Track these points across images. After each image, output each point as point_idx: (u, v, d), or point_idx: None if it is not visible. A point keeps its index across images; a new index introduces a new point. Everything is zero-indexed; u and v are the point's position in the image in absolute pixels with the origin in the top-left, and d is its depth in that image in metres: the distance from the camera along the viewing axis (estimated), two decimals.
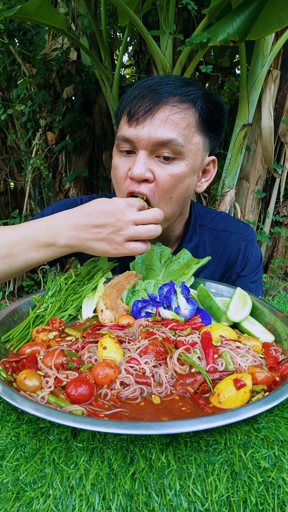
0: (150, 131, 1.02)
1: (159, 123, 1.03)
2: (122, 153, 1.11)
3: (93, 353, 0.76)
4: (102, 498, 0.50)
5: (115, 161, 1.12)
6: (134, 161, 1.05)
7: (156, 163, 1.06)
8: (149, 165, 1.05)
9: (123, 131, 1.07)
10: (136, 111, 1.04)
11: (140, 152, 1.05)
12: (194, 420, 0.54)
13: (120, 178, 1.10)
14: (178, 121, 1.04)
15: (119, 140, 1.08)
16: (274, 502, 0.51)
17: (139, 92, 1.05)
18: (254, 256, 1.42)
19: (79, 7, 3.15)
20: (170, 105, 1.04)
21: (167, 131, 1.03)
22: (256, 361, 0.75)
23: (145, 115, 1.03)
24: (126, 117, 1.07)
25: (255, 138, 2.84)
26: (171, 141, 1.03)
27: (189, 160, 1.08)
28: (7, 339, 0.88)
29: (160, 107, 1.03)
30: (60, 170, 3.55)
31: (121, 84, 3.28)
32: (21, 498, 0.51)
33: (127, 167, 1.08)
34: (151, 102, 1.03)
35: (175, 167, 1.07)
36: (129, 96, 1.09)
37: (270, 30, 2.00)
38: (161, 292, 1.00)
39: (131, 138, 1.05)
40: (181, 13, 2.95)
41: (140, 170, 1.03)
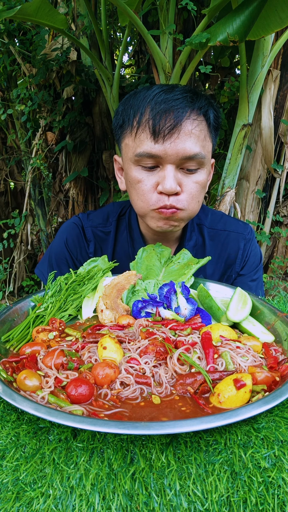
0: (177, 147, 1.06)
1: (184, 138, 1.06)
2: (143, 167, 1.13)
3: (93, 353, 0.76)
4: (102, 498, 0.50)
5: (137, 175, 1.14)
6: (163, 176, 1.09)
7: (182, 175, 1.12)
8: (177, 178, 1.10)
9: (147, 147, 1.08)
10: (161, 128, 1.05)
11: (169, 167, 1.09)
12: (194, 420, 0.54)
13: (146, 192, 1.13)
14: (198, 134, 1.09)
15: (143, 157, 1.09)
16: (274, 502, 0.51)
17: (160, 108, 1.06)
18: (253, 255, 1.43)
19: (79, 7, 3.15)
20: (191, 119, 1.07)
21: (192, 145, 1.07)
22: (256, 361, 0.75)
23: (171, 131, 1.05)
24: (149, 133, 1.07)
25: (255, 138, 2.84)
26: (197, 155, 1.09)
27: (207, 166, 1.17)
28: (7, 339, 0.88)
29: (183, 122, 1.06)
30: (60, 170, 3.55)
31: (121, 84, 3.28)
32: (21, 498, 0.51)
33: (153, 181, 1.12)
34: (176, 118, 1.05)
35: (198, 176, 1.14)
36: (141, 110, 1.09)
37: (270, 30, 2.00)
38: (161, 292, 1.00)
39: (159, 154, 1.07)
40: (181, 13, 2.95)
41: (171, 185, 1.08)
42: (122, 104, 1.18)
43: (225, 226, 1.41)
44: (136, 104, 1.12)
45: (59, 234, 1.43)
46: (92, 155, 3.51)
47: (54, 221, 3.82)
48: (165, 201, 1.12)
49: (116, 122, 1.20)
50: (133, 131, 1.12)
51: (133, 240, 1.38)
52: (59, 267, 1.39)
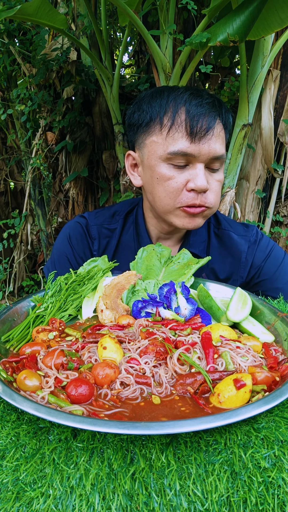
0: (210, 147, 1.15)
1: (215, 139, 1.16)
2: (173, 165, 1.17)
3: (93, 353, 0.76)
4: (102, 498, 0.50)
5: (167, 173, 1.18)
6: (195, 174, 1.16)
7: (208, 173, 1.20)
8: (206, 177, 1.17)
9: (182, 146, 1.14)
10: (199, 129, 1.13)
11: (199, 166, 1.16)
12: (194, 420, 0.54)
13: (176, 189, 1.18)
14: (223, 136, 1.20)
15: (177, 155, 1.15)
16: (274, 502, 0.51)
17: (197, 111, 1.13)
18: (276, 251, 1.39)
19: (79, 7, 3.15)
20: (219, 124, 1.18)
21: (220, 146, 1.18)
22: (256, 361, 0.75)
23: (207, 132, 1.14)
24: (185, 133, 1.14)
25: (255, 138, 2.83)
26: (222, 156, 1.19)
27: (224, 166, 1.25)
28: (7, 339, 0.88)
29: (216, 125, 1.16)
30: (60, 170, 3.54)
31: (121, 84, 3.28)
32: (21, 498, 0.51)
33: (183, 179, 1.17)
34: (210, 122, 1.14)
35: (219, 175, 1.23)
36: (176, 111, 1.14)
37: (270, 30, 2.00)
38: (161, 292, 1.00)
39: (193, 153, 1.14)
40: (181, 13, 2.95)
41: (203, 183, 1.15)
42: (147, 103, 1.21)
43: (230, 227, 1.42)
44: (165, 103, 1.17)
45: (62, 231, 1.46)
46: (92, 155, 3.51)
47: (54, 221, 3.82)
48: (194, 199, 1.18)
49: (141, 120, 1.22)
50: (163, 130, 1.16)
51: (139, 236, 1.40)
52: (60, 264, 1.40)
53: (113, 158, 3.40)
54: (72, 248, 1.41)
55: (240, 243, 1.38)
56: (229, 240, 1.39)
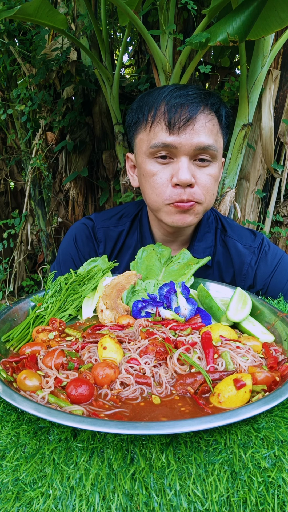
0: (192, 138, 1.10)
1: (199, 130, 1.11)
2: (157, 160, 1.15)
3: (93, 353, 0.76)
4: (102, 498, 0.50)
5: (152, 168, 1.16)
6: (177, 167, 1.12)
7: (196, 167, 1.15)
8: (191, 170, 1.12)
9: (161, 138, 1.11)
10: (177, 119, 1.09)
11: (183, 158, 1.12)
12: (194, 420, 0.54)
13: (160, 185, 1.15)
14: (211, 128, 1.14)
15: (157, 147, 1.12)
16: (274, 502, 0.51)
17: (176, 102, 1.10)
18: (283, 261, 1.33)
19: (79, 7, 3.15)
20: (205, 114, 1.12)
21: (206, 137, 1.11)
22: (256, 361, 0.75)
23: (186, 123, 1.09)
24: (164, 125, 1.11)
25: (255, 138, 2.83)
26: (210, 146, 1.12)
27: (219, 161, 1.20)
28: (7, 339, 0.88)
29: (198, 116, 1.11)
30: (60, 170, 3.54)
31: (121, 84, 3.28)
32: (21, 498, 0.51)
33: (167, 174, 1.14)
34: (190, 111, 1.10)
35: (211, 169, 1.17)
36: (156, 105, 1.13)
37: (270, 30, 2.00)
38: (161, 292, 1.00)
39: (174, 145, 1.10)
40: (181, 13, 2.95)
41: (186, 176, 1.10)
42: (137, 102, 1.22)
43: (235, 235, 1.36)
44: (150, 100, 1.16)
45: (68, 232, 1.45)
46: (92, 155, 3.51)
47: (54, 221, 3.82)
48: (181, 194, 1.13)
49: (131, 120, 1.23)
50: (147, 126, 1.16)
51: (142, 238, 1.38)
52: (65, 264, 1.40)
53: (113, 158, 3.40)
54: (78, 249, 1.40)
55: (244, 254, 1.32)
56: (233, 249, 1.34)
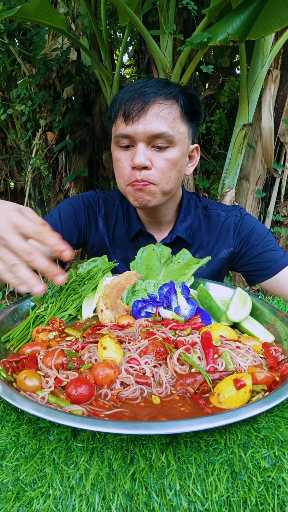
0: (145, 126, 1.20)
1: (151, 119, 1.20)
2: (122, 148, 1.27)
3: (93, 353, 0.76)
4: (102, 498, 0.50)
5: (117, 155, 1.29)
6: (135, 152, 1.23)
7: (153, 152, 1.24)
8: (147, 155, 1.23)
9: (121, 129, 1.24)
10: (130, 111, 1.20)
11: (139, 144, 1.22)
12: (194, 420, 0.54)
13: (123, 169, 1.28)
14: (166, 115, 1.21)
15: (119, 138, 1.25)
16: (274, 502, 0.51)
17: (130, 95, 1.22)
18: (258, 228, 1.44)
19: (79, 7, 3.15)
20: (158, 103, 1.21)
21: (159, 125, 1.20)
22: (256, 361, 0.75)
23: (139, 113, 1.20)
24: (122, 117, 1.23)
25: (255, 138, 2.83)
26: (163, 133, 1.21)
27: (179, 146, 1.27)
28: (7, 339, 0.88)
29: (150, 106, 1.20)
30: (60, 170, 3.55)
31: (121, 84, 3.27)
32: (21, 498, 0.51)
33: (129, 159, 1.26)
34: (142, 102, 1.20)
35: (169, 153, 1.25)
36: (121, 100, 1.25)
37: (270, 30, 2.00)
38: (161, 292, 1.00)
39: (130, 134, 1.22)
40: (181, 13, 2.95)
41: (140, 160, 1.20)
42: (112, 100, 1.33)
43: (216, 206, 1.52)
44: (117, 97, 1.28)
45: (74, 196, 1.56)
46: (92, 155, 3.51)
47: None
48: (136, 175, 1.24)
49: (108, 116, 1.36)
50: (114, 119, 1.29)
51: (129, 219, 1.49)
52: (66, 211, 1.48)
53: None
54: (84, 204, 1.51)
55: (228, 216, 1.47)
56: (217, 217, 1.48)
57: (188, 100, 1.27)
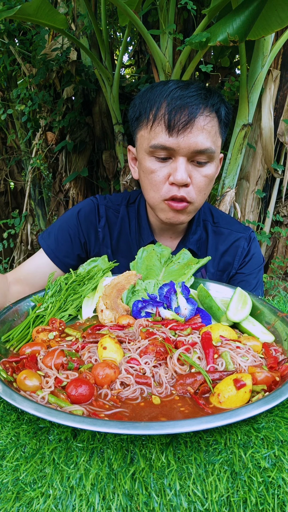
0: (190, 141, 1.13)
1: (197, 133, 1.13)
2: (157, 158, 1.19)
3: (93, 353, 0.76)
4: (102, 498, 0.50)
5: (151, 166, 1.20)
6: (175, 167, 1.16)
7: (193, 167, 1.19)
8: (188, 171, 1.17)
9: (161, 140, 1.14)
10: (176, 122, 1.12)
11: (180, 159, 1.15)
12: (194, 420, 0.54)
13: (158, 182, 1.20)
14: (210, 129, 1.16)
15: (157, 148, 1.16)
16: (274, 502, 0.51)
17: (176, 105, 1.12)
18: (257, 256, 1.47)
19: (79, 7, 3.15)
20: (204, 116, 1.14)
21: (204, 140, 1.14)
22: (256, 361, 0.75)
23: (185, 126, 1.12)
24: (164, 127, 1.14)
25: (255, 138, 2.83)
26: (207, 149, 1.15)
27: (216, 161, 1.23)
28: (7, 339, 0.88)
29: (197, 118, 1.13)
30: (60, 170, 3.54)
31: (121, 84, 3.28)
32: (21, 498, 0.51)
33: (165, 172, 1.19)
34: (189, 114, 1.12)
35: (207, 169, 1.20)
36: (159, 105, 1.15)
37: (270, 30, 2.00)
38: (161, 292, 1.00)
39: (172, 147, 1.14)
40: (181, 13, 2.95)
41: (182, 176, 1.14)
42: (139, 97, 1.24)
43: (228, 225, 1.47)
44: (152, 98, 1.17)
45: (73, 207, 1.49)
46: (92, 155, 3.51)
47: (54, 221, 3.82)
48: (174, 191, 1.18)
49: (133, 114, 1.26)
50: (149, 124, 1.18)
51: (140, 228, 1.43)
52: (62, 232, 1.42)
53: (113, 158, 3.40)
54: (79, 222, 1.43)
55: (239, 239, 1.44)
56: (227, 236, 1.45)
57: (227, 111, 1.22)
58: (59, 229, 1.43)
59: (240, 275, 1.45)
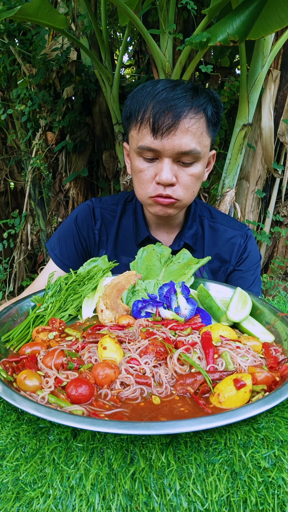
0: (174, 143, 1.16)
1: (181, 135, 1.15)
2: (146, 159, 1.23)
3: (93, 353, 0.76)
4: (102, 498, 0.50)
5: (139, 165, 1.25)
6: (161, 167, 1.20)
7: (178, 167, 1.22)
8: (173, 171, 1.20)
9: (147, 142, 1.18)
10: (160, 125, 1.15)
11: (165, 160, 1.19)
12: (194, 420, 0.54)
13: (145, 181, 1.25)
14: (195, 131, 1.17)
15: (144, 150, 1.20)
16: (274, 502, 0.51)
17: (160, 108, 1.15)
18: (254, 252, 1.50)
19: (79, 7, 3.15)
20: (188, 118, 1.16)
21: (188, 141, 1.16)
22: (256, 361, 0.75)
23: (169, 129, 1.15)
24: (149, 130, 1.17)
25: (255, 138, 2.83)
26: (191, 151, 1.17)
27: (203, 160, 1.25)
28: (7, 339, 0.88)
29: (180, 121, 1.15)
30: (60, 170, 3.54)
31: (121, 84, 3.27)
32: (21, 498, 0.51)
33: (152, 172, 1.23)
34: (173, 118, 1.14)
35: (194, 168, 1.23)
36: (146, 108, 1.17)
37: (270, 30, 2.00)
38: (161, 292, 1.00)
39: (157, 149, 1.18)
40: (181, 13, 2.95)
41: (167, 176, 1.18)
42: (130, 98, 1.27)
43: (224, 221, 1.51)
44: (141, 99, 1.20)
45: (71, 213, 1.55)
46: (92, 155, 3.51)
47: (54, 221, 3.82)
48: (160, 190, 1.22)
49: (124, 114, 1.30)
50: (137, 125, 1.22)
51: (137, 223, 1.47)
52: (65, 240, 1.49)
53: (113, 158, 3.40)
54: (77, 227, 1.49)
55: (235, 236, 1.48)
56: (224, 232, 1.48)
57: (215, 110, 1.23)
58: (62, 238, 1.49)
59: (238, 272, 1.48)
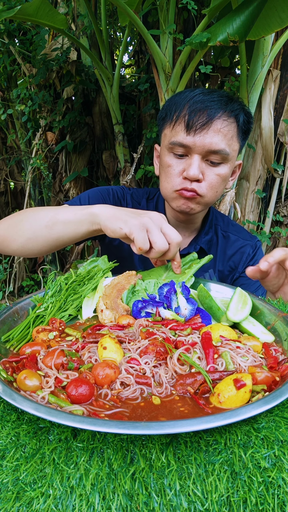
0: (205, 141, 1.23)
1: (212, 134, 1.23)
2: (175, 155, 1.30)
3: (93, 353, 0.76)
4: (102, 498, 0.50)
5: (168, 160, 1.32)
6: (189, 163, 1.26)
7: (206, 165, 1.28)
8: (201, 168, 1.26)
9: (179, 138, 1.26)
10: (194, 123, 1.23)
11: (195, 157, 1.25)
12: (194, 420, 0.54)
13: (173, 175, 1.31)
14: (226, 133, 1.25)
15: (176, 145, 1.27)
16: (274, 502, 0.51)
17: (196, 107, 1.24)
18: None
19: (79, 7, 3.15)
20: (221, 119, 1.24)
21: (218, 141, 1.24)
22: (256, 361, 0.75)
23: (202, 127, 1.23)
24: (183, 126, 1.25)
25: (255, 138, 2.84)
26: (221, 150, 1.25)
27: (230, 163, 1.32)
28: (7, 339, 0.88)
29: (213, 121, 1.23)
30: (60, 170, 3.55)
31: (121, 84, 3.28)
32: (21, 498, 0.51)
33: (181, 167, 1.30)
34: (207, 117, 1.22)
35: (221, 169, 1.29)
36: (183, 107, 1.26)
37: (270, 30, 2.00)
38: (161, 292, 1.00)
39: (189, 145, 1.25)
40: (181, 13, 2.95)
41: (194, 172, 1.24)
42: (168, 101, 1.36)
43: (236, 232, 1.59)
44: (178, 101, 1.29)
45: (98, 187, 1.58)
46: (92, 155, 3.51)
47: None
48: (186, 184, 1.28)
49: (160, 115, 1.39)
50: (171, 124, 1.30)
51: None
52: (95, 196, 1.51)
53: (113, 158, 3.40)
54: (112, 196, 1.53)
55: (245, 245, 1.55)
56: (235, 242, 1.55)
57: (245, 119, 1.31)
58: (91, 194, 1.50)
59: (242, 278, 1.53)
